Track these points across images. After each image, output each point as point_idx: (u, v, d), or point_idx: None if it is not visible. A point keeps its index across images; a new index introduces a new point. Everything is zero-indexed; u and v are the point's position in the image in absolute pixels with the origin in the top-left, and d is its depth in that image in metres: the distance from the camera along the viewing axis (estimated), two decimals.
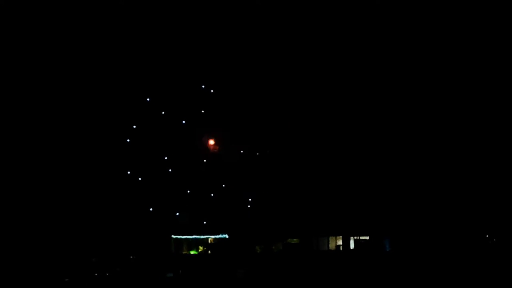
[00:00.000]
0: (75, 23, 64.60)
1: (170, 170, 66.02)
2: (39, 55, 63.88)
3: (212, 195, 66.21)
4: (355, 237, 67.14)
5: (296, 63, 68.13)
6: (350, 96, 68.16)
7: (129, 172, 64.98)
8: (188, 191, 65.88)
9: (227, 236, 65.98)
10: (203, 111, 67.05)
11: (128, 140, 65.37)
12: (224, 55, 67.36)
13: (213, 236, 66.25)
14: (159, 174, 65.96)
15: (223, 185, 66.70)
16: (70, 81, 64.60)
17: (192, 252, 65.79)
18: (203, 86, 66.98)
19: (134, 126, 65.64)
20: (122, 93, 65.27)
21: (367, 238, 66.97)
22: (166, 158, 66.01)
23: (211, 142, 66.26)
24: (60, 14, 64.26)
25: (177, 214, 64.63)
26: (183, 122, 66.58)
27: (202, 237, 66.10)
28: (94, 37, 65.03)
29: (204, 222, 65.59)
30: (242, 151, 67.31)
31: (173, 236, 65.65)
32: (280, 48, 67.82)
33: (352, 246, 67.14)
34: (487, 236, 66.60)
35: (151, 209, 64.44)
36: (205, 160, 66.91)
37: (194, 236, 65.94)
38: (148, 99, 65.95)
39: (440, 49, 67.31)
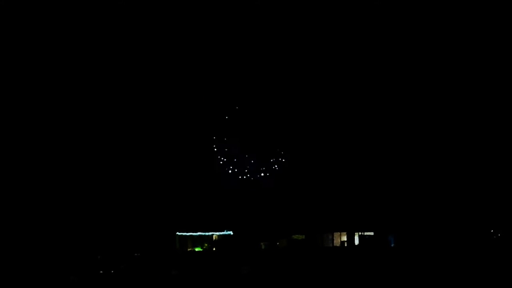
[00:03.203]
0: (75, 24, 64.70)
1: (173, 167, 66.11)
2: (37, 55, 63.98)
3: (217, 191, 66.32)
4: (360, 233, 67.11)
5: (296, 63, 68.08)
6: (354, 95, 68.14)
7: (133, 170, 65.09)
8: (193, 188, 65.96)
9: (231, 233, 65.97)
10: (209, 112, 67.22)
11: (132, 139, 65.49)
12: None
13: (217, 233, 66.26)
14: (163, 171, 66.05)
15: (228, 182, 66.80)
16: (70, 81, 64.73)
17: (196, 249, 65.80)
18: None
19: (138, 124, 65.76)
20: (126, 92, 65.36)
21: (372, 234, 66.93)
22: (171, 155, 66.11)
23: None
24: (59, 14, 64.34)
25: None
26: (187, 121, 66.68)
27: (206, 234, 66.11)
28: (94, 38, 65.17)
29: (209, 219, 65.71)
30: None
31: (177, 233, 65.70)
32: (276, 48, 67.78)
33: (357, 242, 67.12)
34: (491, 231, 66.54)
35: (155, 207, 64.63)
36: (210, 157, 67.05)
37: (198, 233, 65.96)
38: (151, 99, 66.08)
39: (440, 49, 67.31)
